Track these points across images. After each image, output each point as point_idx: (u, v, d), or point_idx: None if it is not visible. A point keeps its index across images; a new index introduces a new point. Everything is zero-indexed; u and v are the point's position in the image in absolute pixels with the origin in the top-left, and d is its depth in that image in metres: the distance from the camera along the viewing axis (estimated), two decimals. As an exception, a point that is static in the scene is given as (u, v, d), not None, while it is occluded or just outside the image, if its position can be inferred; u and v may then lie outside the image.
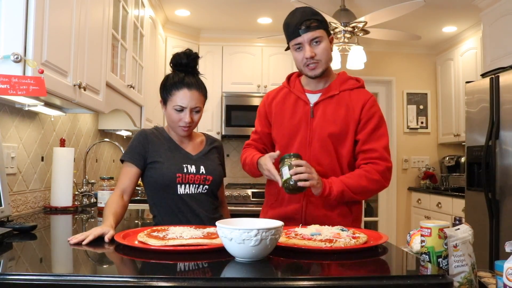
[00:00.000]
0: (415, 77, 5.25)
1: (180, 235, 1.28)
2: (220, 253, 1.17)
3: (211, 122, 4.66)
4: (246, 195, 4.18)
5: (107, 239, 1.34)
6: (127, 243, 1.25)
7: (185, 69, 1.73)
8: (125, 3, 2.81)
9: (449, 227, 1.19)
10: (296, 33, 1.67)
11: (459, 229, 1.21)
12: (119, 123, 3.31)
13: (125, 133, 3.74)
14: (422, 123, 5.21)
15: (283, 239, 1.27)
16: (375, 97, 1.77)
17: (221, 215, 1.81)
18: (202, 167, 1.73)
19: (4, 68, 1.44)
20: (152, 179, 1.70)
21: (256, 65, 4.75)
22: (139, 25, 3.21)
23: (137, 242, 1.27)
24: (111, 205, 1.57)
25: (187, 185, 1.70)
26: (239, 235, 1.07)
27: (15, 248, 1.33)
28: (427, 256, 1.18)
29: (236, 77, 4.73)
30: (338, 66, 3.66)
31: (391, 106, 5.21)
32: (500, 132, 3.18)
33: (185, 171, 1.70)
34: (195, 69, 1.76)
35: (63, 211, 2.33)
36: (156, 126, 2.12)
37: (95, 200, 2.70)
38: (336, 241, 1.23)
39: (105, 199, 2.33)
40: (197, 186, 1.72)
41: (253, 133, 1.91)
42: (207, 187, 1.74)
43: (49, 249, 1.42)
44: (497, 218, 3.17)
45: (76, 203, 2.53)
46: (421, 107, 5.23)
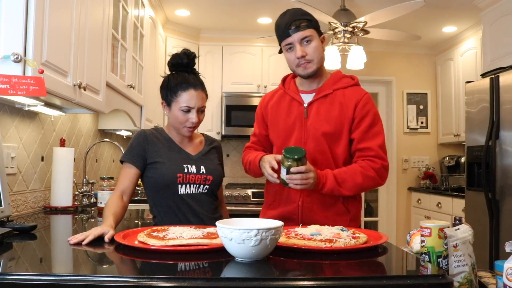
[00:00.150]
0: (415, 77, 5.24)
1: (180, 235, 1.28)
2: (220, 253, 1.17)
3: (211, 122, 4.66)
4: (246, 195, 4.18)
5: (107, 239, 1.34)
6: (127, 243, 1.25)
7: (186, 69, 1.73)
8: (125, 3, 2.81)
9: (449, 227, 1.19)
10: (286, 34, 1.68)
11: (459, 229, 1.21)
12: (119, 123, 3.31)
13: (125, 133, 3.74)
14: (422, 123, 5.21)
15: (283, 239, 1.27)
16: (370, 95, 1.76)
17: (221, 215, 1.81)
18: (202, 167, 1.74)
19: (4, 68, 1.44)
20: (152, 179, 1.70)
21: (256, 65, 4.75)
22: (139, 25, 3.21)
23: (137, 242, 1.27)
24: (111, 206, 1.57)
25: (188, 185, 1.70)
26: (239, 235, 1.07)
27: (15, 248, 1.33)
28: (427, 256, 1.18)
29: (236, 77, 4.73)
30: (338, 66, 3.65)
31: (391, 106, 5.20)
32: (500, 132, 3.18)
33: (186, 171, 1.70)
34: (194, 68, 1.76)
35: (63, 211, 2.33)
36: (155, 126, 2.12)
37: (95, 200, 2.70)
38: (336, 241, 1.23)
39: (105, 199, 2.33)
40: (198, 186, 1.72)
41: (252, 136, 1.93)
42: (207, 187, 1.74)
43: (49, 249, 1.42)
44: (497, 218, 3.17)
45: (76, 203, 2.53)
46: (421, 107, 5.22)
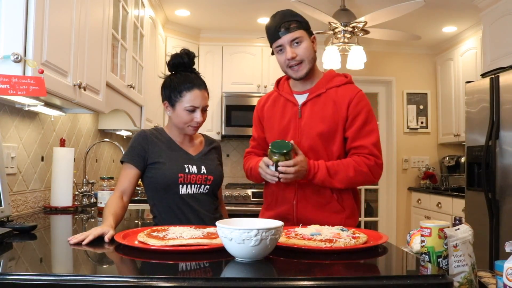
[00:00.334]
0: (415, 77, 5.24)
1: (180, 235, 1.28)
2: (220, 253, 1.17)
3: (211, 122, 4.66)
4: (246, 195, 4.18)
5: (107, 239, 1.34)
6: (127, 243, 1.25)
7: (187, 68, 1.73)
8: (125, 3, 2.81)
9: (449, 227, 1.19)
10: (276, 36, 1.68)
11: (459, 229, 1.21)
12: (119, 123, 3.31)
13: (125, 133, 3.74)
14: (422, 123, 5.21)
15: (283, 239, 1.27)
16: (363, 92, 1.76)
17: (221, 215, 1.81)
18: (203, 167, 1.74)
19: (4, 68, 1.44)
20: (153, 179, 1.70)
21: (256, 65, 4.75)
22: (139, 25, 3.21)
23: (137, 242, 1.27)
24: (111, 206, 1.57)
25: (189, 185, 1.70)
26: (239, 235, 1.07)
27: (15, 248, 1.33)
28: (427, 256, 1.18)
29: (236, 77, 4.73)
30: (338, 66, 3.65)
31: (391, 106, 5.20)
32: (500, 132, 3.18)
33: (187, 171, 1.70)
34: (194, 68, 1.76)
35: (63, 211, 2.33)
36: (155, 126, 2.12)
37: (95, 200, 2.70)
38: (336, 241, 1.23)
39: (105, 199, 2.33)
40: (199, 186, 1.72)
41: (252, 140, 1.94)
42: (208, 187, 1.74)
43: (49, 249, 1.42)
44: (497, 218, 3.17)
45: (76, 203, 2.53)
46: (421, 107, 5.22)
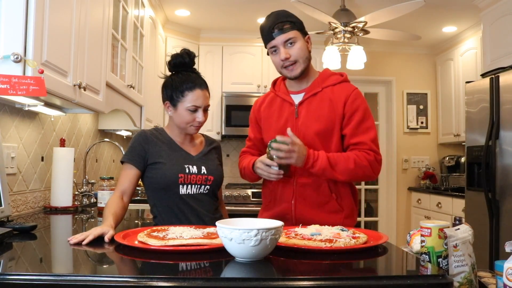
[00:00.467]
0: (415, 77, 5.24)
1: (180, 235, 1.28)
2: (220, 253, 1.17)
3: (211, 122, 4.66)
4: (246, 195, 4.18)
5: (107, 239, 1.34)
6: (127, 243, 1.25)
7: (187, 68, 1.73)
8: (125, 3, 2.81)
9: (449, 227, 1.19)
10: (270, 37, 1.69)
11: (459, 229, 1.21)
12: (119, 123, 3.31)
13: (125, 133, 3.74)
14: (422, 123, 5.21)
15: (283, 239, 1.27)
16: (359, 90, 1.76)
17: (221, 215, 1.81)
18: (203, 168, 1.74)
19: (4, 68, 1.44)
20: (153, 179, 1.70)
21: (256, 65, 4.75)
22: (139, 25, 3.21)
23: (137, 242, 1.27)
24: (111, 206, 1.57)
25: (189, 186, 1.70)
26: (239, 235, 1.07)
27: (15, 248, 1.33)
28: (427, 256, 1.18)
29: (236, 77, 4.73)
30: (338, 66, 3.65)
31: (391, 106, 5.20)
32: (500, 132, 3.18)
33: (187, 171, 1.70)
34: (194, 68, 1.76)
35: (63, 211, 2.33)
36: (155, 126, 2.11)
37: (95, 200, 2.70)
38: (336, 241, 1.23)
39: (105, 199, 2.33)
40: (199, 186, 1.72)
41: (247, 141, 1.95)
42: (208, 187, 1.74)
43: (49, 249, 1.42)
44: (497, 218, 3.17)
45: (76, 203, 2.53)
46: (421, 107, 5.22)
